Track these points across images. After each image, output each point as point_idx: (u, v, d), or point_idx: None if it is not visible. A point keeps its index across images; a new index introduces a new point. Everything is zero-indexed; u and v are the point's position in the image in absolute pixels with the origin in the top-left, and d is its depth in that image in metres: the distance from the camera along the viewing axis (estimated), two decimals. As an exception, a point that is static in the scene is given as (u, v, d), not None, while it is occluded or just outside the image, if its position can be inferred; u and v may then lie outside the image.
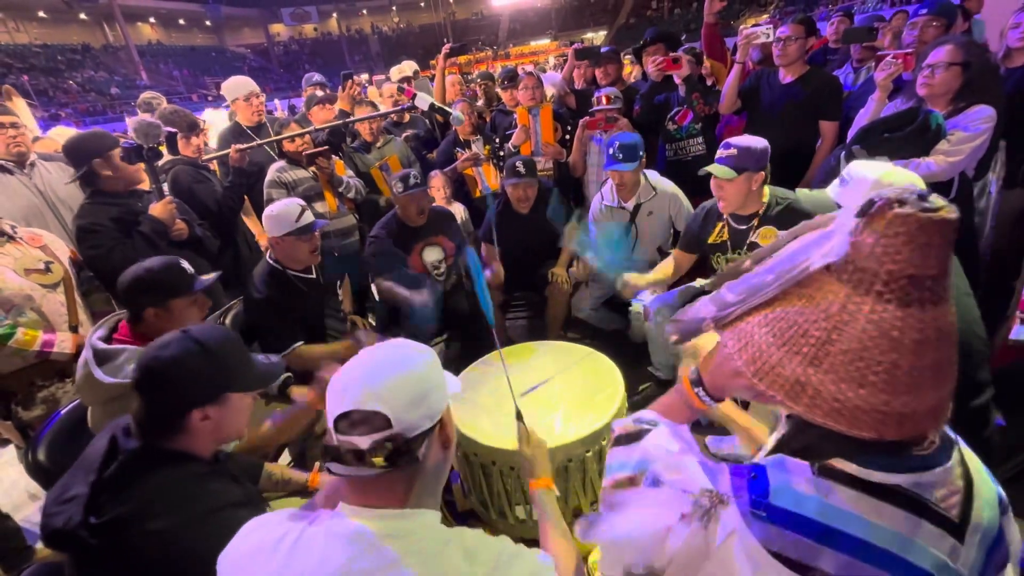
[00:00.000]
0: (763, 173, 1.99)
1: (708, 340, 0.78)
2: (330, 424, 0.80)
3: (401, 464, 0.77)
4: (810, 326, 0.60)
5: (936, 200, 0.55)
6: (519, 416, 1.40)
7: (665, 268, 2.45)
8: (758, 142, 1.98)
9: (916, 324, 0.56)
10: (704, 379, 0.79)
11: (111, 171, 2.19)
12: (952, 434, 0.67)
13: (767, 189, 2.09)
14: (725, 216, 2.17)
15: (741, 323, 0.67)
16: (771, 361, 0.62)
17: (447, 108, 2.30)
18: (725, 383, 0.76)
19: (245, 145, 2.74)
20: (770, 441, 0.74)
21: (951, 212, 0.55)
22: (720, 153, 2.01)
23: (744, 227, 2.14)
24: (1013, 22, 2.44)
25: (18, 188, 2.42)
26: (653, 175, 2.72)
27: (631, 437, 0.81)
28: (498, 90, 3.85)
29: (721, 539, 0.63)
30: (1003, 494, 0.68)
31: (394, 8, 45.81)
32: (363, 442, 0.77)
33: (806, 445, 0.66)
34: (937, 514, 0.60)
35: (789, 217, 2.02)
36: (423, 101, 2.26)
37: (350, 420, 0.78)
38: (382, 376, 0.80)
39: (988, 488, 0.65)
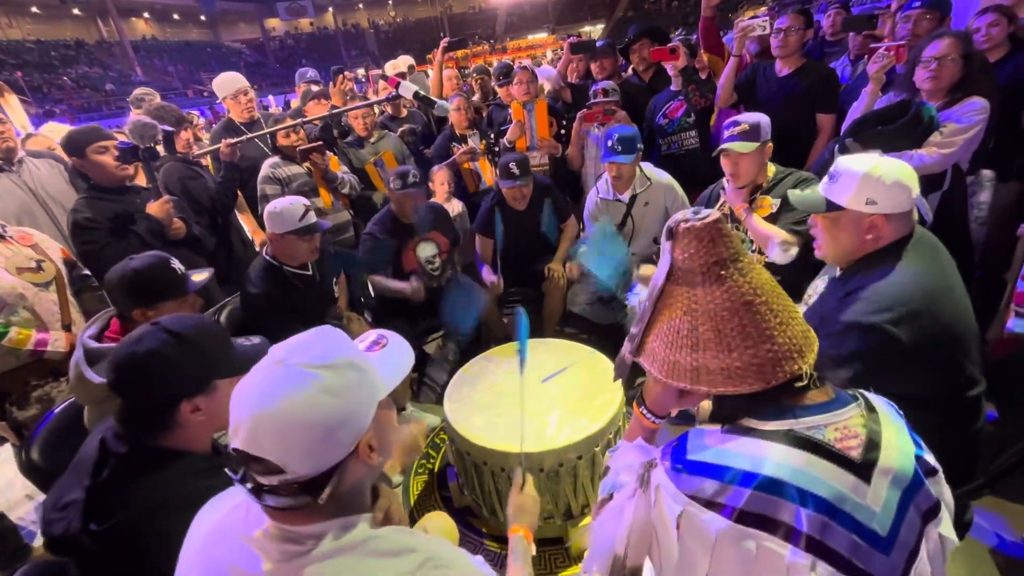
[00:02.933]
0: (771, 146, 2.06)
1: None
2: (230, 447, 0.71)
3: (298, 504, 0.70)
4: (679, 324, 0.79)
5: (703, 211, 0.79)
6: (521, 462, 1.30)
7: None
8: (762, 116, 2.06)
9: (737, 292, 0.76)
10: (646, 401, 0.94)
11: (89, 168, 2.17)
12: (861, 396, 0.80)
13: (771, 166, 2.14)
14: (726, 191, 2.22)
15: (646, 346, 0.85)
16: (670, 361, 0.80)
17: (432, 97, 2.29)
18: (658, 397, 0.91)
19: (235, 140, 2.73)
20: (706, 416, 0.90)
21: (714, 215, 0.77)
22: (731, 131, 2.06)
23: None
24: (973, 26, 2.46)
25: (8, 187, 2.40)
26: (648, 166, 2.72)
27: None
28: (494, 86, 3.83)
29: (653, 494, 0.79)
30: (928, 458, 0.79)
31: (390, 2, 45.53)
32: (260, 479, 0.69)
33: (727, 414, 0.80)
34: (832, 452, 0.72)
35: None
36: (407, 89, 2.25)
37: (244, 454, 0.68)
38: (267, 417, 0.67)
39: (904, 443, 0.77)
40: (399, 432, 0.82)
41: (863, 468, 0.72)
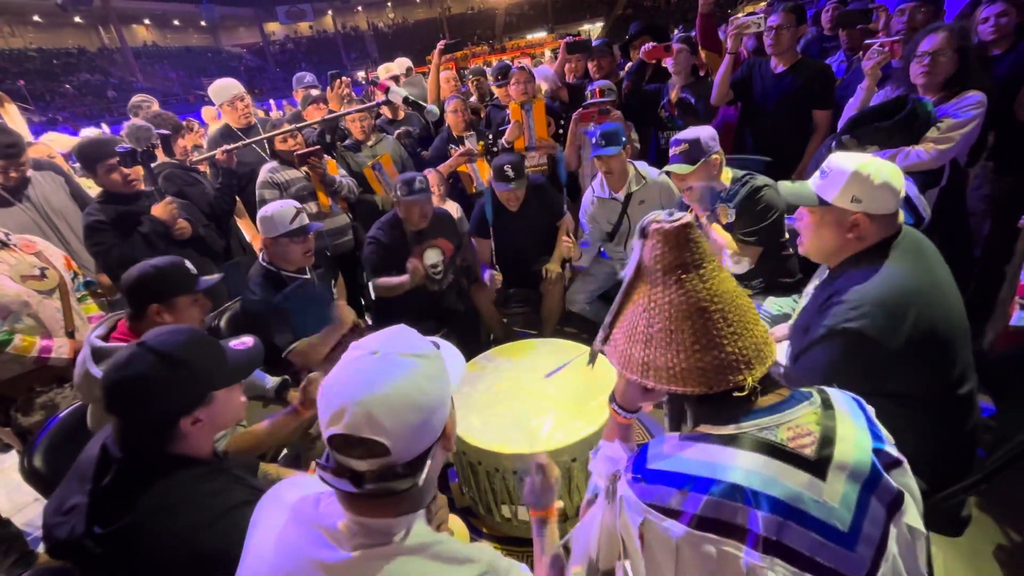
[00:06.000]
0: (718, 156, 2.04)
1: None
2: (324, 436, 0.74)
3: (400, 488, 0.74)
4: (637, 319, 0.83)
5: (677, 214, 0.80)
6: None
7: None
8: (704, 130, 2.03)
9: (695, 296, 0.77)
10: (617, 397, 0.97)
11: (101, 182, 2.27)
12: (820, 394, 0.81)
13: (729, 171, 2.13)
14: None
15: (612, 336, 0.88)
16: (626, 354, 0.84)
17: (421, 102, 2.28)
18: (626, 392, 0.95)
19: (231, 146, 2.74)
20: (666, 423, 0.93)
21: (686, 219, 0.79)
22: (672, 151, 2.06)
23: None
24: (981, 16, 2.44)
25: (18, 212, 2.41)
26: (642, 165, 2.72)
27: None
28: (492, 87, 3.83)
29: (618, 505, 0.80)
30: (890, 450, 0.78)
31: (389, 4, 45.55)
32: (359, 465, 0.72)
33: (681, 420, 0.84)
34: (785, 452, 0.73)
35: (749, 202, 2.05)
36: (396, 94, 2.24)
37: (345, 440, 0.72)
38: (380, 400, 0.71)
39: (860, 437, 0.77)
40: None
41: (818, 465, 0.72)
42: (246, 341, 1.26)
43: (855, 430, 0.77)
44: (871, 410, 0.83)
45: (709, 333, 0.76)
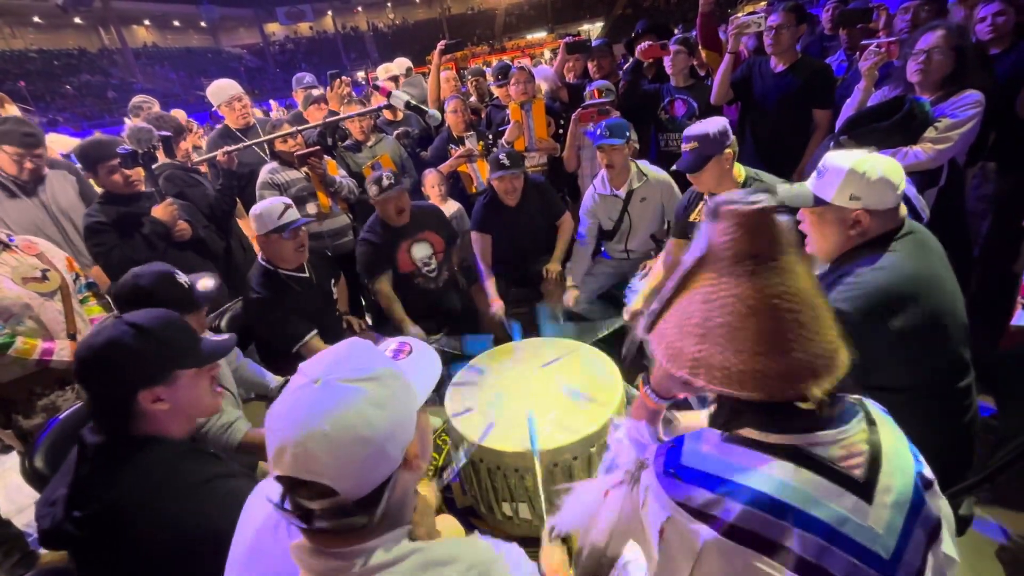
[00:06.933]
0: (729, 152, 2.03)
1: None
2: (271, 475, 0.68)
3: (356, 524, 0.68)
4: (693, 310, 0.73)
5: (757, 196, 0.70)
6: (551, 532, 1.20)
7: (656, 275, 2.48)
8: (714, 125, 2.01)
9: (767, 292, 0.68)
10: (652, 381, 0.93)
11: (101, 183, 2.28)
12: (863, 406, 0.76)
13: (741, 168, 2.12)
14: (705, 196, 2.21)
15: (659, 324, 0.79)
16: (675, 346, 0.74)
17: (423, 107, 2.28)
18: (664, 379, 0.89)
19: (232, 147, 2.75)
20: (704, 421, 0.85)
21: (768, 203, 0.69)
22: (684, 148, 2.05)
23: None
24: (979, 16, 2.43)
25: (24, 205, 2.43)
26: (643, 163, 2.72)
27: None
28: (492, 87, 3.83)
29: (642, 495, 0.76)
30: (926, 472, 0.74)
31: (389, 4, 45.57)
32: (309, 504, 0.67)
33: (726, 419, 0.76)
34: (835, 472, 0.68)
35: None
36: (398, 99, 2.24)
37: (290, 481, 0.66)
38: (319, 439, 0.63)
39: (904, 459, 0.72)
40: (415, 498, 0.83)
41: (865, 487, 0.68)
42: (223, 336, 1.29)
43: (899, 449, 0.73)
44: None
45: (778, 335, 0.67)
